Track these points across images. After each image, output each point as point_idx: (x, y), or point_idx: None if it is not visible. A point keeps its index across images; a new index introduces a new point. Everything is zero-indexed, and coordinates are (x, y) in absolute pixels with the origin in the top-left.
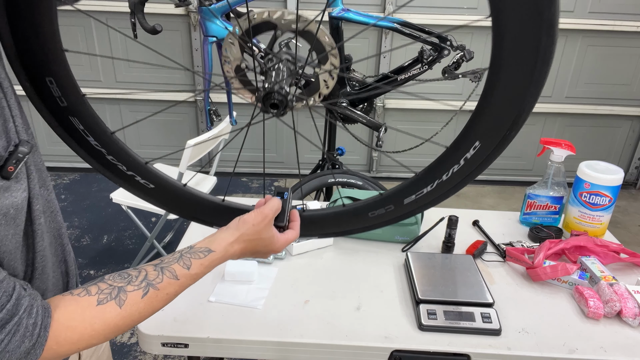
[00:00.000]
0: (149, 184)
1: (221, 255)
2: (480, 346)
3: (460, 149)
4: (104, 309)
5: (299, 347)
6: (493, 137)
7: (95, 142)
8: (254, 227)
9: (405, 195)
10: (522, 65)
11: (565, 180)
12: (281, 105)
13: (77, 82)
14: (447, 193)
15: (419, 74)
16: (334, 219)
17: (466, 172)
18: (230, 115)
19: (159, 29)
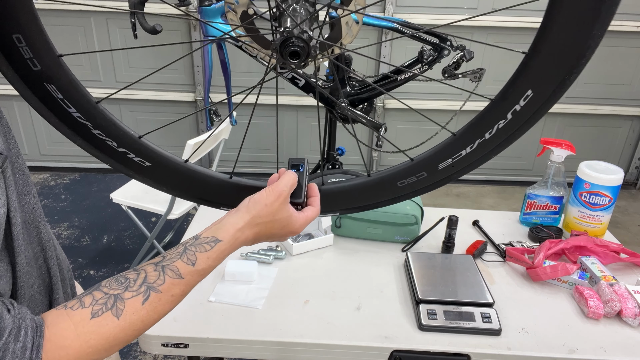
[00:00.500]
0: (144, 161)
1: (230, 244)
2: (480, 346)
3: (508, 100)
4: (100, 322)
5: (299, 347)
6: (549, 84)
7: (78, 113)
8: (267, 208)
9: (440, 159)
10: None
11: (565, 180)
12: (303, 52)
13: (51, 41)
14: (489, 154)
15: (418, 74)
16: (358, 191)
17: (513, 128)
18: (230, 115)
19: (159, 29)
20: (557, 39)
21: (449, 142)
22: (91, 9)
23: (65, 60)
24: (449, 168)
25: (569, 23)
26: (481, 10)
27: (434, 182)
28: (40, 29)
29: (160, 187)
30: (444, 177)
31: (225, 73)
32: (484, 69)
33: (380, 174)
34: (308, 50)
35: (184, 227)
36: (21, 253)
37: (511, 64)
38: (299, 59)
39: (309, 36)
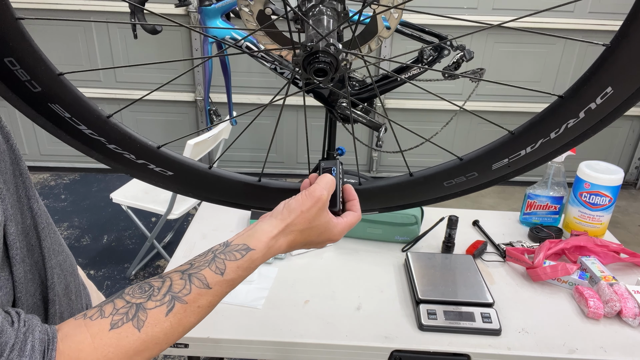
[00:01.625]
0: (166, 171)
1: (263, 253)
2: (480, 346)
3: (583, 98)
4: (119, 333)
5: (299, 347)
6: (633, 80)
7: (90, 130)
8: (303, 215)
9: (494, 159)
10: None
11: (565, 180)
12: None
13: (48, 60)
14: (552, 154)
15: (418, 74)
16: (399, 190)
17: (584, 128)
18: (230, 115)
19: (159, 29)
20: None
21: (506, 140)
22: (91, 9)
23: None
24: (504, 168)
25: None
26: (481, 10)
27: (485, 182)
28: (33, 49)
29: (185, 193)
30: (497, 177)
31: (225, 73)
32: (484, 69)
33: (424, 173)
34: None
35: (184, 227)
36: (17, 263)
37: (511, 64)
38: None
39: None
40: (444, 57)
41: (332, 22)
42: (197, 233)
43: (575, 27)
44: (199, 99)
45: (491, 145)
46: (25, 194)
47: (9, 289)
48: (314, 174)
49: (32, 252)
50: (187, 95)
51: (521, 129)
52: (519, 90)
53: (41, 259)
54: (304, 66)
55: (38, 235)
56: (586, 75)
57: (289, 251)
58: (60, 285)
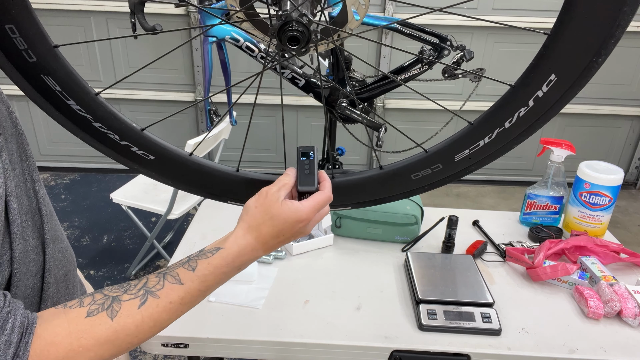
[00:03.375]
0: (148, 155)
1: (233, 251)
2: (480, 346)
3: (530, 86)
4: (93, 321)
5: (299, 347)
6: (575, 67)
7: (78, 106)
8: (258, 210)
9: (456, 150)
10: None
11: (565, 180)
12: (303, 38)
13: (46, 32)
14: (509, 144)
15: (419, 74)
16: (370, 184)
17: (535, 116)
18: (230, 115)
19: (158, 29)
20: (583, 18)
21: (466, 131)
22: (91, 8)
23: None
24: (466, 159)
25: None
26: (481, 10)
27: (450, 174)
28: (33, 19)
29: (165, 181)
30: (461, 169)
31: (225, 73)
32: (484, 69)
33: (393, 166)
34: (308, 35)
35: (184, 227)
36: (17, 239)
37: (511, 64)
38: (298, 45)
39: (309, 20)
40: (444, 57)
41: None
42: (197, 233)
43: None
44: (199, 99)
45: (453, 137)
46: (30, 177)
47: (5, 265)
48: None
49: (37, 234)
50: (187, 95)
51: (479, 119)
52: None
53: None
54: (279, 35)
55: (42, 218)
56: (532, 64)
57: (265, 248)
58: (60, 272)
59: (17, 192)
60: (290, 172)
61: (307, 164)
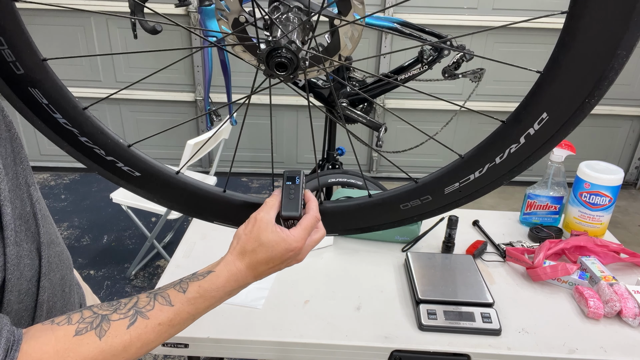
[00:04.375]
0: (133, 171)
1: (223, 276)
2: (480, 346)
3: (522, 123)
4: (81, 340)
5: (299, 347)
6: (567, 106)
7: (64, 119)
8: (247, 237)
9: (446, 183)
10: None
11: (565, 180)
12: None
13: (35, 45)
14: (500, 179)
15: (419, 74)
16: (358, 211)
17: (526, 154)
18: (230, 116)
19: (159, 29)
20: (576, 58)
21: (457, 164)
22: (91, 8)
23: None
24: (456, 192)
25: (591, 40)
26: (481, 10)
27: (439, 206)
28: (22, 31)
29: (151, 198)
30: (450, 202)
31: (225, 73)
32: (484, 69)
33: (382, 195)
34: (297, 62)
35: (184, 227)
36: (10, 244)
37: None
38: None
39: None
40: (444, 57)
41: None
42: (197, 233)
43: None
44: (199, 99)
45: (443, 170)
46: (25, 181)
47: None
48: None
49: (32, 238)
50: (187, 95)
51: (470, 153)
52: (519, 90)
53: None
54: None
55: (37, 222)
56: (524, 101)
57: (256, 274)
58: (56, 276)
59: (11, 197)
60: (277, 193)
61: (292, 189)
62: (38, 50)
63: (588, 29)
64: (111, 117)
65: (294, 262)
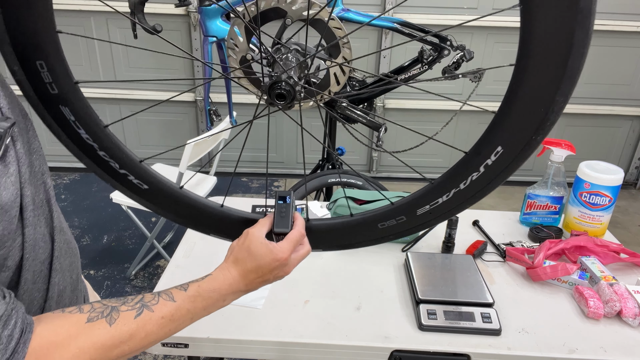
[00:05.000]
0: (142, 184)
1: (219, 279)
2: (480, 346)
3: (481, 155)
4: (93, 326)
5: (299, 347)
6: (517, 142)
7: (87, 135)
8: (240, 248)
9: (418, 205)
10: (552, 59)
11: (565, 180)
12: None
13: (69, 68)
14: (465, 203)
15: (419, 74)
16: (340, 230)
17: (486, 181)
18: (230, 115)
19: (159, 29)
20: (522, 103)
21: (428, 189)
22: (91, 8)
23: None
24: (427, 214)
25: (533, 90)
26: (481, 10)
27: (412, 226)
28: (61, 57)
29: (155, 209)
30: (422, 222)
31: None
32: (484, 69)
33: (363, 215)
34: (294, 93)
35: (184, 227)
36: (29, 225)
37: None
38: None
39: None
40: (444, 57)
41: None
42: (197, 233)
43: None
44: (199, 99)
45: (416, 194)
46: (39, 169)
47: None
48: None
49: (46, 222)
50: (187, 95)
51: (439, 179)
52: None
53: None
54: (269, 92)
55: (50, 208)
56: (483, 135)
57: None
58: (65, 261)
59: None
60: (270, 215)
61: (283, 208)
62: (72, 73)
63: (531, 79)
64: (111, 117)
65: (281, 273)
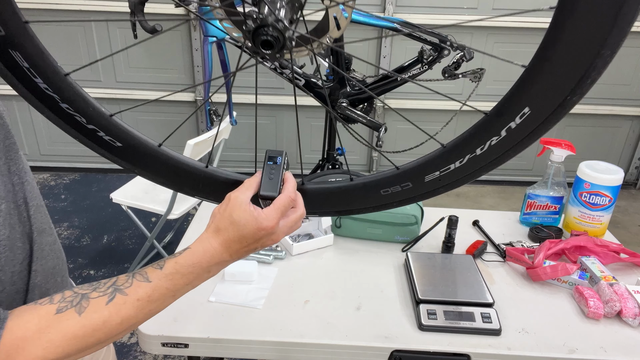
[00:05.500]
0: (115, 141)
1: (199, 252)
2: (480, 346)
3: (504, 117)
4: (62, 317)
5: (299, 347)
6: (548, 102)
7: (45, 84)
8: (221, 215)
9: (427, 171)
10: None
11: (565, 180)
12: (276, 43)
13: (17, 7)
14: (479, 171)
15: (419, 74)
16: (339, 194)
17: (507, 146)
18: (230, 115)
19: (159, 29)
20: (560, 55)
21: (438, 153)
22: (91, 8)
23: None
24: (436, 181)
25: (576, 39)
26: (481, 10)
27: (418, 193)
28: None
29: (132, 169)
30: (429, 190)
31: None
32: (483, 69)
33: (363, 180)
34: (283, 41)
35: (184, 227)
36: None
37: (511, 65)
38: (272, 50)
39: (285, 26)
40: (444, 57)
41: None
42: (197, 233)
43: None
44: (199, 99)
45: (425, 158)
46: (16, 168)
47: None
48: (259, 171)
49: (23, 223)
50: (187, 95)
51: (452, 143)
52: None
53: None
54: (253, 38)
55: (28, 208)
56: (508, 94)
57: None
58: (48, 263)
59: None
60: (257, 175)
61: (273, 169)
62: (21, 13)
63: (574, 27)
64: None
65: (268, 242)
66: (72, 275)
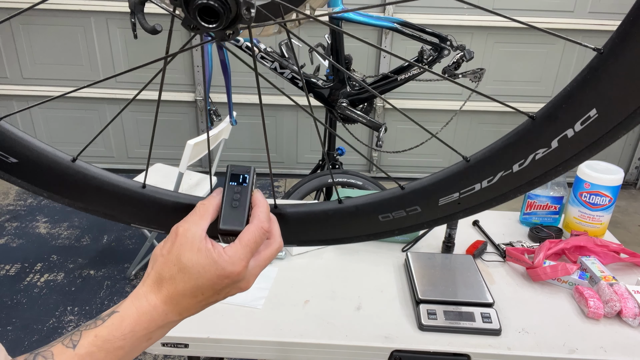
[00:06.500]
0: (7, 157)
1: (130, 317)
2: (480, 346)
3: (558, 121)
4: None
5: (299, 347)
6: (626, 103)
7: None
8: (164, 258)
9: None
10: None
11: (565, 180)
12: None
13: None
14: (512, 193)
15: (418, 74)
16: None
17: (555, 162)
18: (230, 115)
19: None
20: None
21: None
22: (91, 9)
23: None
24: (454, 204)
25: None
26: (481, 10)
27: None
28: None
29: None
30: (443, 216)
31: (225, 73)
32: (484, 69)
33: (357, 202)
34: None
35: None
36: None
37: (511, 64)
38: (217, 21)
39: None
40: (444, 57)
41: None
42: None
43: (575, 27)
44: (199, 99)
45: (441, 174)
46: None
47: None
48: (218, 189)
49: None
50: (187, 95)
51: (478, 156)
52: (519, 90)
53: None
54: (186, 3)
55: None
56: (567, 91)
57: (179, 310)
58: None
59: None
60: (216, 195)
61: (237, 193)
62: None
63: None
64: (111, 117)
65: (234, 290)
66: (72, 276)
